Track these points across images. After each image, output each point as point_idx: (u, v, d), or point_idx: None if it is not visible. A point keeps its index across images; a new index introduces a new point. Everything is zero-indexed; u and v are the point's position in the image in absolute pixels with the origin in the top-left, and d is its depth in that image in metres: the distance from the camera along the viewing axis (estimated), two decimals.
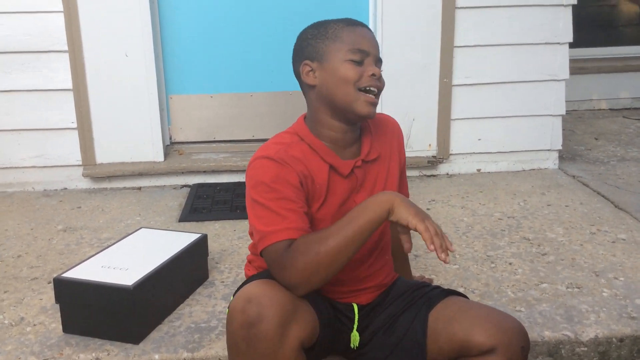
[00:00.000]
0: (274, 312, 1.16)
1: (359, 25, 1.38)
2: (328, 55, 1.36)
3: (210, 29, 3.02)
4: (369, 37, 1.37)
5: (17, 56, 2.74)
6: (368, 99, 1.34)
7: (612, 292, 1.85)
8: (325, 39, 1.37)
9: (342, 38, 1.35)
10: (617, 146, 3.48)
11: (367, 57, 1.35)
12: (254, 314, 1.16)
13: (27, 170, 2.88)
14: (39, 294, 1.90)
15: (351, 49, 1.34)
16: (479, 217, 2.48)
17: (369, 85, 1.34)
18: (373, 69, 1.34)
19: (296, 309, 1.20)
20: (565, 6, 2.90)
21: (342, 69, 1.34)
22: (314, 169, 1.35)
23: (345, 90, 1.34)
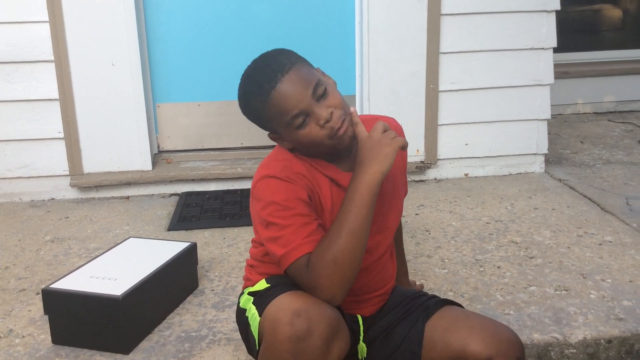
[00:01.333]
0: (322, 328, 1.14)
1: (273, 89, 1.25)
2: (280, 131, 1.31)
3: (197, 37, 3.03)
4: (290, 94, 1.24)
5: (2, 66, 2.73)
6: (340, 133, 1.26)
7: (599, 294, 1.87)
8: (264, 120, 1.32)
9: (271, 115, 1.28)
10: (602, 149, 3.52)
11: (306, 110, 1.25)
12: (303, 328, 1.13)
13: (13, 181, 2.86)
14: (28, 305, 1.89)
15: (287, 120, 1.26)
16: (467, 221, 2.49)
17: (334, 127, 1.25)
18: (320, 117, 1.24)
19: (339, 324, 1.20)
20: (548, 12, 2.94)
21: (302, 138, 1.27)
22: (316, 184, 1.33)
23: (320, 147, 1.28)
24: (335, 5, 3.04)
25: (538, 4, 2.92)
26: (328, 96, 1.27)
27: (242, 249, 2.26)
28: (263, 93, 1.26)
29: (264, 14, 3.04)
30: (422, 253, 2.20)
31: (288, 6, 3.03)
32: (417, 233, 2.38)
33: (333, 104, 1.27)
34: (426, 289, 1.92)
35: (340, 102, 1.28)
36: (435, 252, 2.20)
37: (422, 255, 2.18)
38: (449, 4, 2.87)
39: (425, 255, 2.18)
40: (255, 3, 3.01)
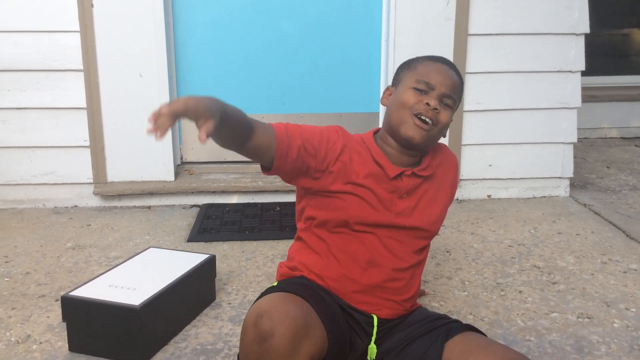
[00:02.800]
0: (285, 328, 1.17)
1: (439, 62, 1.48)
2: (401, 82, 1.49)
3: (224, 51, 3.05)
4: (442, 74, 1.44)
5: (32, 74, 2.78)
6: (416, 121, 1.42)
7: (623, 323, 1.83)
8: (406, 69, 1.50)
9: (416, 68, 1.48)
10: (629, 175, 3.46)
11: (431, 90, 1.43)
12: (266, 329, 1.16)
13: (38, 187, 2.90)
14: (47, 311, 1.90)
15: (418, 78, 1.44)
16: (488, 243, 2.46)
17: (421, 111, 1.42)
18: (430, 100, 1.42)
19: (307, 324, 1.21)
20: (577, 35, 2.91)
21: (404, 94, 1.45)
22: (363, 159, 1.45)
23: (401, 112, 1.44)
24: (362, 22, 3.05)
25: (567, 27, 2.90)
26: (446, 110, 1.45)
27: (260, 263, 2.25)
28: (433, 59, 1.49)
29: (290, 30, 3.06)
30: (442, 274, 2.17)
31: (315, 23, 3.04)
32: (438, 254, 2.35)
33: (442, 113, 1.43)
34: (445, 311, 1.89)
35: (444, 121, 1.44)
36: (455, 274, 2.17)
37: (442, 276, 2.15)
38: (477, 24, 2.87)
39: (445, 276, 2.15)
40: (283, 19, 3.04)
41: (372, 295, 1.46)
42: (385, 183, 1.45)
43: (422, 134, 1.42)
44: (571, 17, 2.89)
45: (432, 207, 1.52)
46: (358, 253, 1.45)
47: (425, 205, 1.50)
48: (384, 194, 1.45)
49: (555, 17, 2.89)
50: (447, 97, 1.44)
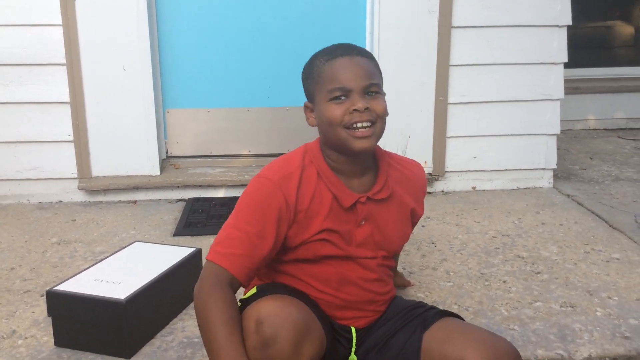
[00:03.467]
0: (287, 332, 1.16)
1: (341, 56, 1.32)
2: (315, 97, 1.36)
3: (208, 45, 3.04)
4: (351, 69, 1.30)
5: (15, 69, 2.75)
6: (357, 134, 1.30)
7: (605, 312, 1.85)
8: (312, 80, 1.37)
9: (322, 77, 1.33)
10: (611, 166, 3.50)
11: (348, 92, 1.30)
12: (268, 335, 1.15)
13: (22, 183, 2.87)
14: (32, 307, 1.89)
15: (330, 88, 1.31)
16: (473, 234, 2.48)
17: (353, 121, 1.30)
18: (356, 104, 1.29)
19: (308, 327, 1.20)
20: (560, 27, 2.93)
21: (326, 111, 1.32)
22: (318, 193, 1.35)
23: (334, 131, 1.32)
24: (346, 16, 3.05)
25: (550, 19, 2.92)
26: (376, 99, 1.32)
27: None
28: (331, 55, 1.33)
29: (275, 23, 3.05)
30: (428, 265, 2.19)
31: (300, 17, 3.04)
32: (423, 245, 2.37)
33: (375, 107, 1.30)
34: (430, 301, 1.91)
35: (380, 111, 1.32)
36: (440, 265, 2.19)
37: (428, 267, 2.17)
38: (460, 16, 2.88)
39: (430, 267, 2.17)
40: (268, 13, 3.03)
41: (349, 309, 1.43)
42: (342, 214, 1.37)
43: (370, 140, 1.31)
44: (554, 10, 2.91)
45: (396, 229, 1.45)
46: (328, 275, 1.40)
47: (387, 229, 1.43)
48: (343, 227, 1.37)
49: (538, 9, 2.91)
50: (370, 87, 1.31)
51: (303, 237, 1.35)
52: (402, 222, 1.48)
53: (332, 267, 1.40)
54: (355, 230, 1.39)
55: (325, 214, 1.35)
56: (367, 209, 1.39)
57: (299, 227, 1.35)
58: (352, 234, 1.39)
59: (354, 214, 1.39)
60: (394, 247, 1.48)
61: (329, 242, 1.37)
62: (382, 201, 1.41)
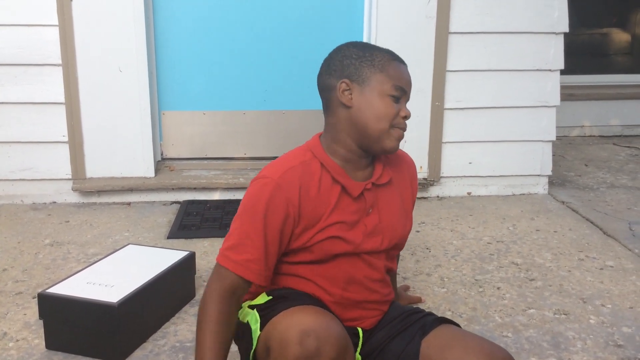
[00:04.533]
0: (330, 348, 1.15)
1: (401, 62, 1.40)
2: (371, 83, 1.36)
3: (205, 47, 3.04)
4: (408, 76, 1.40)
5: (10, 68, 2.74)
6: (398, 134, 1.37)
7: (599, 320, 1.85)
8: (371, 65, 1.37)
9: (388, 71, 1.36)
10: (606, 173, 3.51)
11: (403, 95, 1.38)
12: (312, 348, 1.14)
13: (16, 183, 2.86)
14: (23, 308, 1.88)
15: (394, 85, 1.35)
16: (468, 240, 2.48)
17: (400, 125, 1.37)
18: (406, 111, 1.37)
19: (347, 343, 1.20)
20: (557, 34, 2.94)
21: (382, 103, 1.35)
22: (324, 186, 1.36)
23: (380, 124, 1.35)
24: (343, 20, 3.05)
25: (546, 26, 2.93)
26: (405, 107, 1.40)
27: None
28: (395, 58, 1.38)
29: (272, 27, 3.05)
30: (422, 271, 2.18)
31: (297, 20, 3.04)
32: (417, 250, 2.37)
33: (408, 115, 1.38)
34: (424, 307, 1.90)
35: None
36: (434, 271, 2.19)
37: (422, 273, 2.17)
38: (458, 22, 2.88)
39: (424, 273, 2.17)
40: (265, 15, 3.03)
41: (355, 309, 1.44)
42: (350, 205, 1.38)
43: (398, 144, 1.39)
44: (551, 17, 2.92)
45: (397, 214, 1.46)
46: (335, 274, 1.40)
47: (390, 216, 1.44)
48: (352, 218, 1.38)
49: (535, 16, 2.91)
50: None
51: (312, 232, 1.34)
52: (403, 207, 1.50)
53: (339, 267, 1.39)
54: (365, 219, 1.40)
55: (333, 205, 1.35)
56: (373, 195, 1.41)
57: (308, 221, 1.34)
58: (362, 224, 1.39)
59: (362, 202, 1.40)
60: (398, 237, 1.47)
61: (339, 239, 1.36)
62: (384, 186, 1.45)
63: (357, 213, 1.39)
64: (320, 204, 1.34)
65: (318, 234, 1.35)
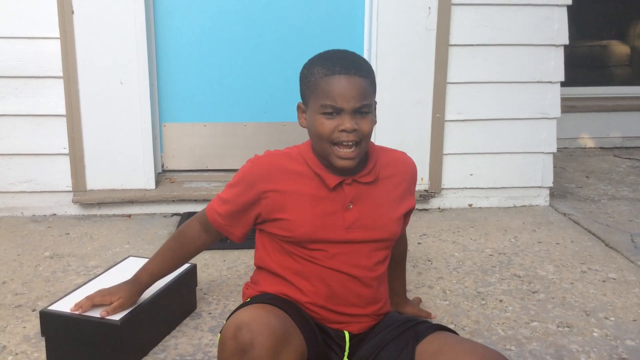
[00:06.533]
0: (265, 339, 1.17)
1: (338, 74, 1.34)
2: (309, 104, 1.41)
3: (206, 59, 3.04)
4: (346, 89, 1.33)
5: (11, 81, 2.74)
6: (339, 153, 1.36)
7: (602, 332, 1.84)
8: (308, 86, 1.40)
9: (318, 89, 1.36)
10: (607, 185, 3.50)
11: (341, 110, 1.34)
12: (246, 341, 1.16)
13: (16, 195, 2.85)
14: (23, 322, 1.87)
15: (323, 103, 1.35)
16: (469, 252, 2.47)
17: (340, 140, 1.35)
18: (344, 124, 1.34)
19: (287, 334, 1.21)
20: (557, 46, 2.95)
21: (316, 122, 1.37)
22: (303, 176, 1.42)
23: (320, 143, 1.38)
24: (344, 32, 3.06)
25: (547, 38, 2.93)
26: (365, 119, 1.36)
27: (241, 272, 2.24)
28: (331, 71, 1.35)
29: (273, 39, 3.05)
30: (424, 283, 2.17)
31: (298, 32, 3.05)
32: (419, 263, 2.36)
33: (362, 128, 1.35)
34: None
35: (366, 132, 1.36)
36: (436, 283, 2.18)
37: (424, 285, 2.16)
38: (458, 34, 2.89)
39: (426, 285, 2.16)
40: (265, 28, 3.04)
41: (341, 314, 1.44)
42: (327, 195, 1.41)
43: (352, 161, 1.36)
44: (551, 29, 2.93)
45: (384, 213, 1.46)
46: (320, 277, 1.42)
47: (376, 213, 1.44)
48: (329, 208, 1.40)
49: (535, 28, 2.92)
50: (362, 108, 1.35)
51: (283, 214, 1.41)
52: (392, 207, 1.49)
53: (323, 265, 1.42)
54: (344, 213, 1.41)
55: (310, 194, 1.40)
56: (355, 191, 1.43)
57: (280, 205, 1.41)
58: (341, 216, 1.41)
59: (341, 196, 1.41)
60: (388, 233, 1.48)
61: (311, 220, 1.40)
62: (369, 184, 1.45)
63: (336, 206, 1.41)
64: (296, 191, 1.40)
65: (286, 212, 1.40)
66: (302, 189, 1.41)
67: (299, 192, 1.40)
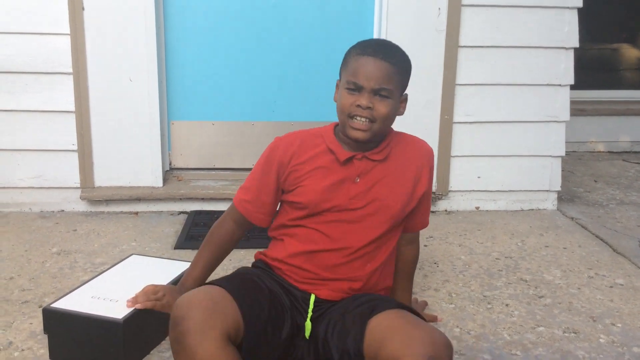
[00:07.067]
0: (194, 311, 1.28)
1: (366, 55, 1.47)
2: (341, 79, 1.54)
3: (215, 58, 3.04)
4: (370, 69, 1.45)
5: (21, 76, 2.76)
6: (353, 124, 1.47)
7: (609, 339, 1.83)
8: (344, 63, 1.54)
9: (347, 66, 1.51)
10: (616, 189, 3.48)
11: (361, 88, 1.46)
12: (179, 316, 1.29)
13: (24, 191, 2.87)
14: (29, 318, 1.87)
15: (348, 79, 1.48)
16: (476, 255, 2.46)
17: (354, 113, 1.46)
18: (360, 100, 1.45)
19: (215, 305, 1.31)
20: (567, 49, 2.93)
21: (341, 96, 1.50)
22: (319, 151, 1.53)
23: (341, 115, 1.51)
24: (353, 31, 3.05)
25: (557, 41, 2.92)
26: (383, 102, 1.46)
27: None
28: (363, 51, 1.49)
29: (282, 38, 3.05)
30: (430, 286, 2.17)
31: (307, 32, 3.04)
32: (425, 265, 2.35)
33: (378, 108, 1.46)
34: (432, 323, 1.89)
35: (382, 114, 1.46)
36: (442, 286, 2.17)
37: (430, 288, 2.15)
38: (468, 36, 2.88)
39: (432, 288, 2.15)
40: (275, 27, 3.03)
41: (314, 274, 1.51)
42: (338, 168, 1.51)
43: (364, 134, 1.47)
44: (561, 32, 2.91)
45: (389, 191, 1.53)
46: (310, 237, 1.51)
47: (381, 189, 1.52)
48: (336, 178, 1.50)
49: (545, 30, 2.91)
50: (380, 90, 1.45)
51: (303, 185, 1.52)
52: (398, 186, 1.55)
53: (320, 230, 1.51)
54: (351, 184, 1.51)
55: (323, 166, 1.51)
56: (364, 166, 1.52)
57: (297, 178, 1.53)
58: (347, 187, 1.51)
59: (351, 169, 1.51)
60: (388, 210, 1.53)
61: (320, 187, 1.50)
62: (379, 162, 1.53)
63: (345, 177, 1.51)
64: (312, 163, 1.52)
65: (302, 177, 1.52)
66: (317, 162, 1.52)
67: (315, 165, 1.52)
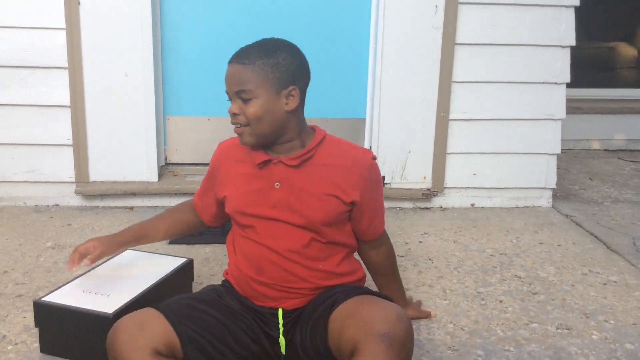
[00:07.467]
0: (125, 324, 1.35)
1: (230, 63, 1.54)
2: None
3: (211, 53, 3.04)
4: (227, 76, 1.51)
5: (16, 70, 2.75)
6: (235, 131, 1.52)
7: (602, 335, 1.84)
8: None
9: None
10: (611, 187, 3.49)
11: (230, 96, 1.50)
12: (108, 343, 1.35)
13: (19, 185, 2.86)
14: (23, 311, 1.87)
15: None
16: (471, 252, 2.47)
17: (231, 121, 1.51)
18: (230, 108, 1.49)
19: (142, 324, 1.35)
20: (563, 47, 2.94)
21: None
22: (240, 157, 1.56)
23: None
24: (350, 29, 3.05)
25: (553, 39, 2.92)
26: (248, 104, 1.47)
27: None
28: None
29: (278, 35, 3.03)
30: (424, 282, 2.17)
31: (304, 30, 3.04)
32: (420, 261, 2.35)
33: (245, 111, 1.47)
34: (425, 319, 1.89)
35: (252, 115, 1.46)
36: (437, 282, 2.18)
37: (424, 284, 2.15)
38: (464, 33, 2.88)
39: (426, 284, 2.15)
40: (271, 24, 3.03)
41: (272, 288, 1.50)
42: (257, 174, 1.52)
43: (244, 137, 1.49)
44: (558, 30, 2.92)
45: (308, 199, 1.48)
46: (251, 252, 1.52)
47: (299, 197, 1.48)
48: (257, 185, 1.51)
49: (541, 28, 2.91)
50: (240, 93, 1.47)
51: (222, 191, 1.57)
52: (320, 194, 1.50)
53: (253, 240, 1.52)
54: (270, 191, 1.50)
55: (246, 173, 1.53)
56: (282, 172, 1.50)
57: (225, 184, 1.57)
58: (268, 193, 1.50)
59: (269, 174, 1.51)
60: (314, 219, 1.49)
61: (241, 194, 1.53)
62: (294, 167, 1.50)
63: (264, 183, 1.51)
64: (235, 169, 1.56)
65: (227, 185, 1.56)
66: (240, 169, 1.55)
67: (238, 171, 1.55)
